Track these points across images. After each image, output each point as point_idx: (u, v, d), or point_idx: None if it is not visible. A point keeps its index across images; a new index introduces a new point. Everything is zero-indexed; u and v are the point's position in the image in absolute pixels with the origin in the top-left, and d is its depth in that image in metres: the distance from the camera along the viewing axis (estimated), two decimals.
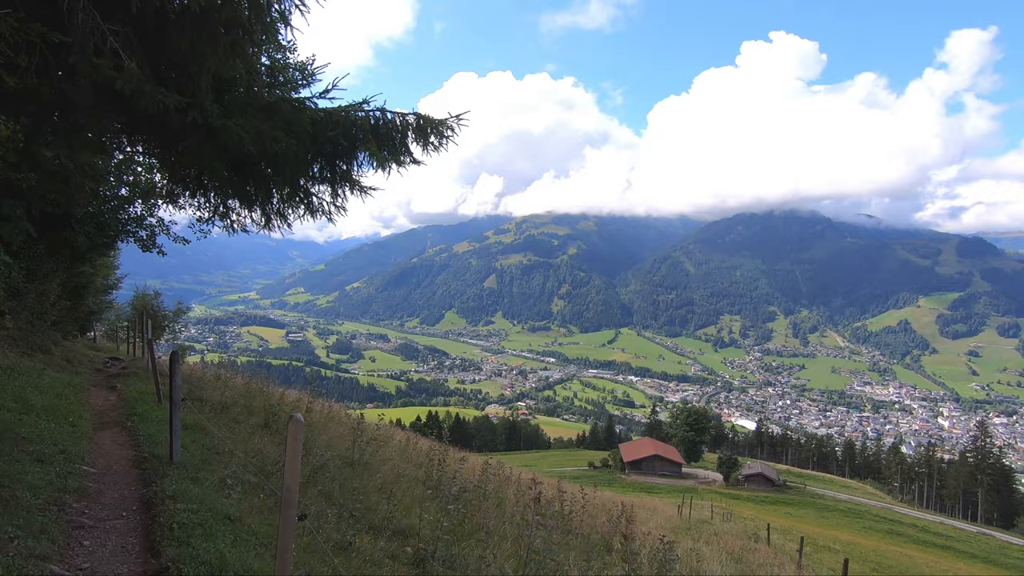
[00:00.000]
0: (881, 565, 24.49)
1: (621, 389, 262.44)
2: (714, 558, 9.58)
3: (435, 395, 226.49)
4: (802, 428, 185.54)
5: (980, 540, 47.26)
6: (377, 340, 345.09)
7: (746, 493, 53.99)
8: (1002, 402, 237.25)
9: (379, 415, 14.66)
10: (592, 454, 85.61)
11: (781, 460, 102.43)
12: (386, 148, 6.20)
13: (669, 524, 15.27)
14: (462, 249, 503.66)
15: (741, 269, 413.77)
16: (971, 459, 77.32)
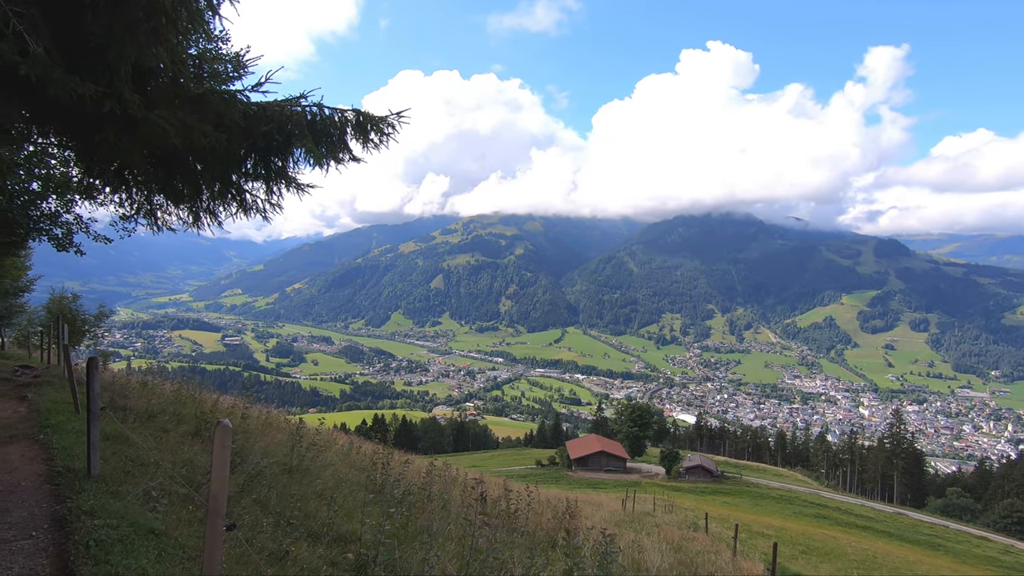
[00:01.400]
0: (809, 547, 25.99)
1: (568, 387, 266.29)
2: (655, 548, 9.87)
3: (381, 398, 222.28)
4: (738, 420, 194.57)
5: (896, 519, 51.01)
6: (320, 342, 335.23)
7: (687, 485, 56.02)
8: (914, 391, 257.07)
9: (319, 419, 14.32)
10: (540, 452, 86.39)
11: (719, 452, 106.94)
12: (324, 145, 6.02)
13: (613, 518, 15.62)
14: (408, 249, 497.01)
15: (681, 269, 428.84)
16: (888, 445, 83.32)
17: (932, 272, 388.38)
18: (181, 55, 5.33)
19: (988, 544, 44.10)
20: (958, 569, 28.52)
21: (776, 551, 7.49)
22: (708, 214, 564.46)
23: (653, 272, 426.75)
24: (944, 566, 28.53)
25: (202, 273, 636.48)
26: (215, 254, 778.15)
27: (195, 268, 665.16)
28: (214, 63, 6.31)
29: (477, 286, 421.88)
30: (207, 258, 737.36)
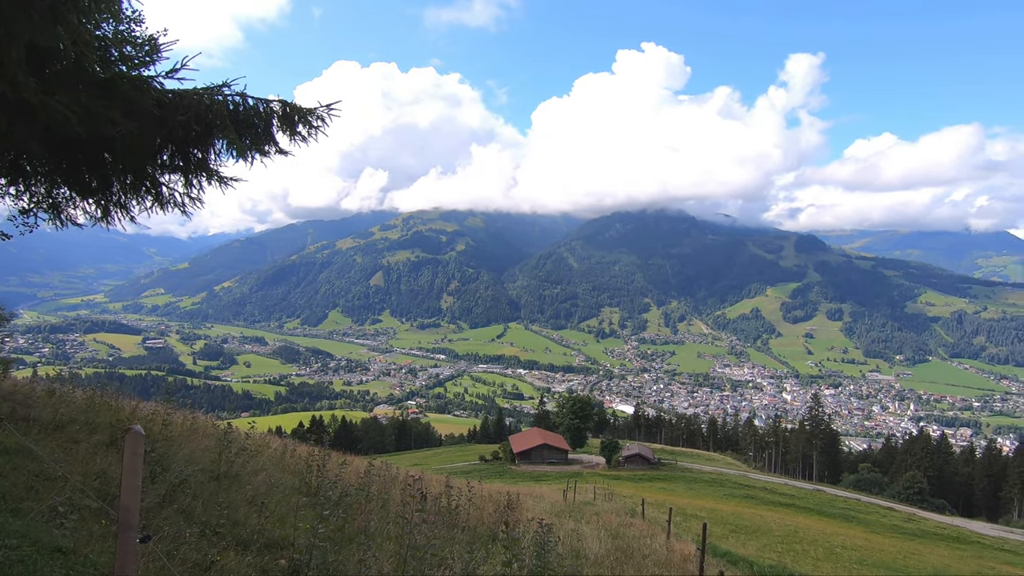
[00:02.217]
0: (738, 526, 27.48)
1: (511, 382, 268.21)
2: (593, 536, 10.14)
3: (319, 399, 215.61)
4: (674, 409, 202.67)
5: (815, 495, 54.79)
6: (253, 343, 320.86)
7: (626, 473, 57.83)
8: (831, 376, 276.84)
9: (250, 423, 13.53)
10: (483, 448, 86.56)
11: (656, 440, 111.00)
12: (247, 136, 5.74)
13: (554, 509, 15.91)
14: (346, 245, 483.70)
15: (619, 264, 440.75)
16: (808, 427, 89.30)
17: (845, 265, 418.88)
18: (85, 36, 4.92)
19: (894, 514, 48.17)
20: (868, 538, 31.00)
21: (706, 531, 7.89)
22: (644, 210, 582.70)
23: (592, 267, 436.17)
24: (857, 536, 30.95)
25: (119, 272, 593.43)
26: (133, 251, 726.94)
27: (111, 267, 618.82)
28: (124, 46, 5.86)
29: (418, 283, 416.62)
30: (124, 256, 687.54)
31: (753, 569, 13.99)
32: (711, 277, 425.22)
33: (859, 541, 27.80)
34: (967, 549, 32.88)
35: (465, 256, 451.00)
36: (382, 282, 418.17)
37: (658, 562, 8.82)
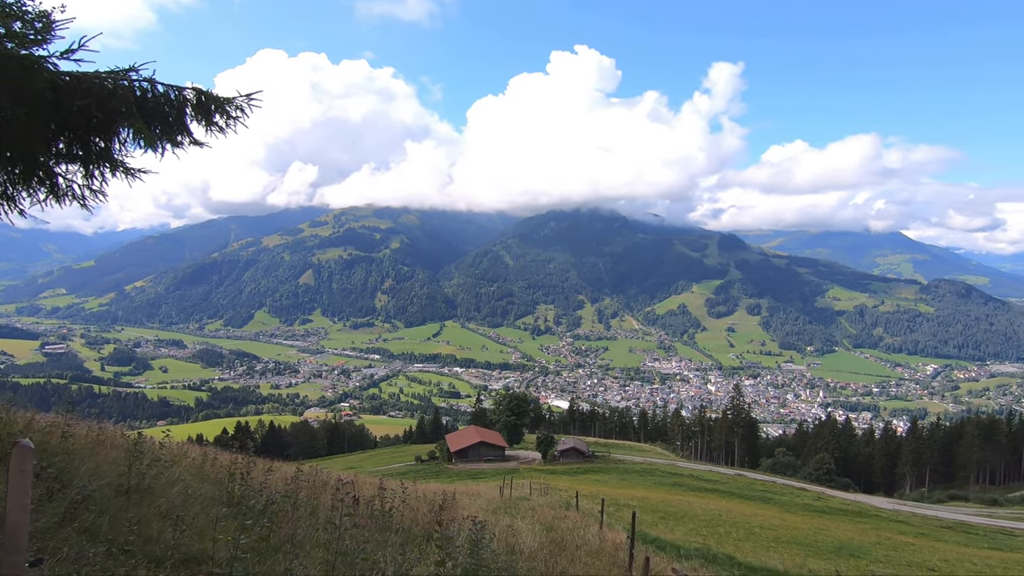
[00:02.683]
0: (667, 513, 28.70)
1: (447, 381, 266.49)
2: (528, 530, 10.27)
3: (245, 404, 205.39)
4: (607, 403, 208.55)
5: (736, 480, 58.12)
6: (169, 347, 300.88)
7: (562, 467, 58.95)
8: (750, 367, 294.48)
9: (164, 432, 12.33)
10: (420, 448, 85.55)
11: (590, 433, 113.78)
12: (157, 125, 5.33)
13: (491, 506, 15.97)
14: (273, 242, 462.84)
15: (554, 262, 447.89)
16: (730, 415, 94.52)
17: (763, 263, 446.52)
18: None
19: (805, 493, 51.95)
20: (783, 517, 33.27)
21: (635, 519, 8.18)
22: (577, 209, 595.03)
23: (528, 265, 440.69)
24: (773, 516, 33.12)
25: (12, 271, 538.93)
26: (28, 248, 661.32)
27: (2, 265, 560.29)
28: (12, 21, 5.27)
29: (351, 281, 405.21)
30: (18, 253, 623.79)
31: (680, 552, 14.65)
32: (642, 275, 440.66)
33: (775, 521, 29.75)
34: (868, 522, 35.97)
35: (400, 254, 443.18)
36: (312, 281, 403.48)
37: (591, 552, 9.06)
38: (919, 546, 25.57)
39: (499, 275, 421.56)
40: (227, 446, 22.54)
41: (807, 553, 19.59)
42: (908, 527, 35.63)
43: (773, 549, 19.59)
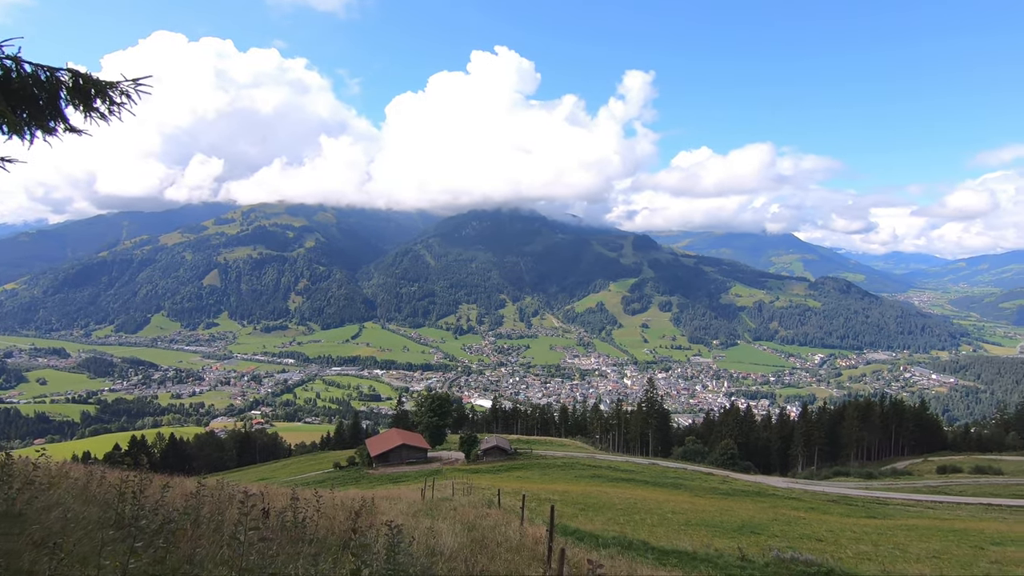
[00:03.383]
0: (586, 505, 29.60)
1: (367, 384, 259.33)
2: (449, 531, 10.21)
3: (141, 416, 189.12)
4: (529, 400, 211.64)
5: (651, 469, 61.01)
6: (49, 356, 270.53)
7: (485, 466, 59.10)
8: (663, 361, 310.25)
9: (39, 451, 10.54)
10: (338, 454, 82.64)
11: (513, 431, 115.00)
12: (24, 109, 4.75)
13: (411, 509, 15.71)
14: (173, 240, 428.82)
15: (476, 261, 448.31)
16: (644, 408, 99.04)
17: (673, 262, 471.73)
18: None
19: (712, 478, 55.48)
20: (693, 501, 35.35)
21: (553, 513, 8.36)
22: (498, 209, 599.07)
23: (450, 264, 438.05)
24: (684, 500, 35.11)
25: None
26: None
27: None
28: None
29: (262, 282, 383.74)
30: None
31: (598, 542, 15.15)
32: (561, 274, 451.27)
33: (686, 505, 31.52)
34: (766, 501, 39.01)
35: (315, 253, 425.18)
36: (218, 281, 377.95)
37: (511, 548, 9.16)
38: (809, 519, 28.10)
39: (420, 275, 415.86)
40: (119, 463, 20.65)
41: (714, 533, 20.95)
42: (800, 503, 39.03)
43: (684, 532, 20.76)
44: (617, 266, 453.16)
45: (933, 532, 24.23)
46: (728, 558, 14.27)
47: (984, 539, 21.82)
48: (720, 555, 14.63)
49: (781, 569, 13.30)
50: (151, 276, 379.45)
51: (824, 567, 13.55)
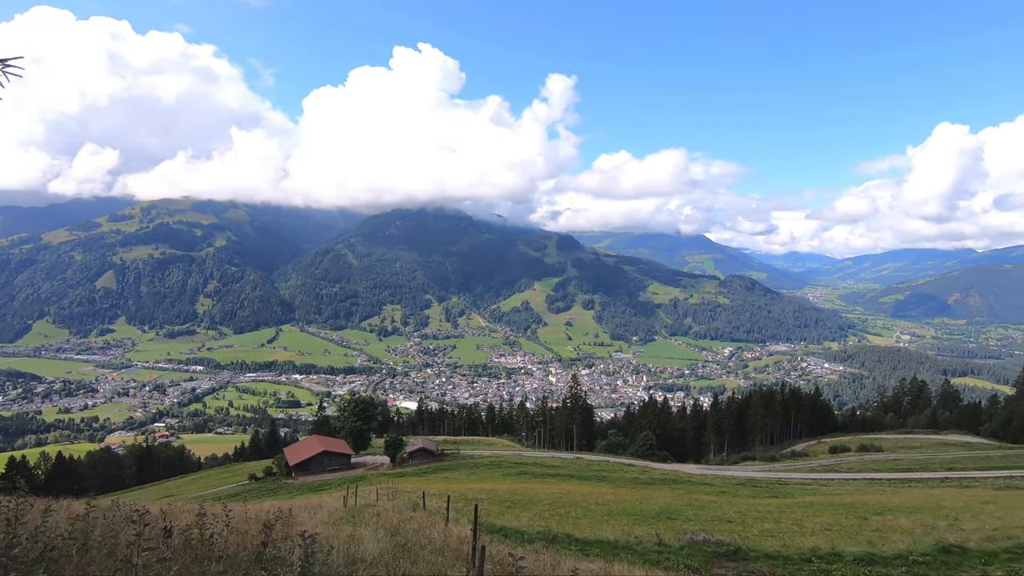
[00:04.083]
0: (513, 502, 29.87)
1: (285, 390, 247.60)
2: (371, 537, 9.94)
3: (22, 434, 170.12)
4: (456, 400, 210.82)
5: (575, 463, 62.61)
6: None
7: (411, 469, 58.15)
8: (586, 358, 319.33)
9: None
10: (254, 465, 78.35)
11: (440, 432, 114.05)
12: None
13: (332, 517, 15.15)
14: (59, 239, 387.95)
15: (400, 261, 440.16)
16: (569, 404, 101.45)
17: (595, 262, 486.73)
18: None
19: (633, 468, 57.77)
20: (615, 492, 36.64)
21: (477, 511, 8.35)
22: (423, 208, 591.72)
23: (373, 264, 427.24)
24: (606, 492, 36.30)
25: None
26: None
27: None
28: None
29: (165, 284, 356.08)
30: None
31: (524, 537, 15.33)
32: (487, 273, 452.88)
33: (608, 496, 32.60)
34: (682, 488, 41.15)
35: (226, 253, 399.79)
36: (114, 284, 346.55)
37: (435, 550, 9.06)
38: (720, 503, 29.96)
39: (342, 275, 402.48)
40: None
41: (634, 521, 21.82)
42: (712, 488, 41.52)
43: (606, 522, 21.46)
44: (542, 266, 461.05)
45: (826, 507, 26.57)
46: (647, 544, 14.90)
47: (868, 510, 24.20)
48: (639, 542, 15.25)
49: (695, 551, 14.06)
50: (32, 278, 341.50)
51: (732, 546, 14.47)
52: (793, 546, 14.94)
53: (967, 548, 13.77)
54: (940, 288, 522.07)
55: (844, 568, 12.18)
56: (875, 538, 16.40)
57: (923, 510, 23.62)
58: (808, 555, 13.61)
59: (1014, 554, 13.14)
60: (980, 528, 17.46)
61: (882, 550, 13.89)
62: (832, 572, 11.83)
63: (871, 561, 12.74)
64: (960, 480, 43.50)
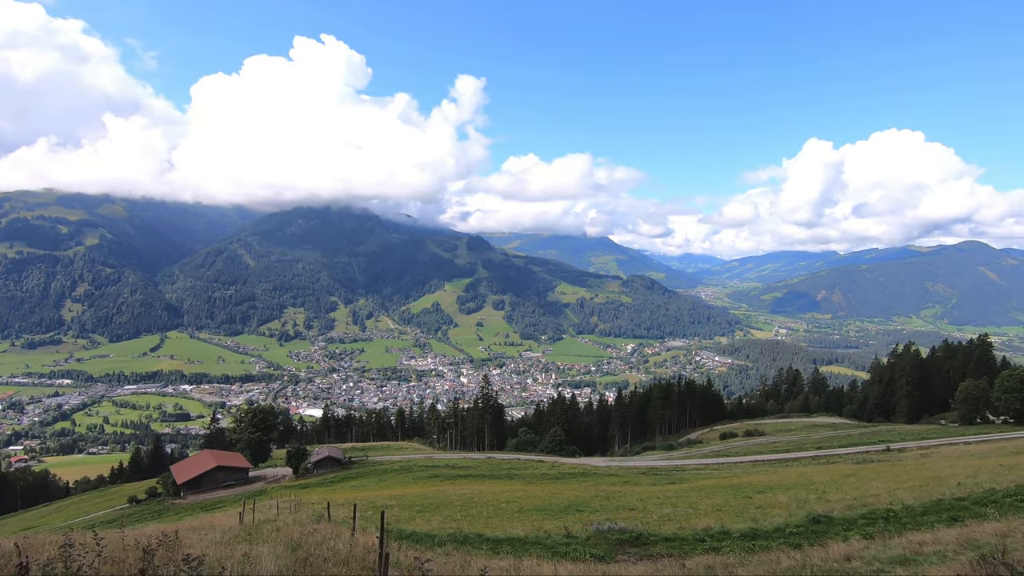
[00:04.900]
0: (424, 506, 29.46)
1: (172, 402, 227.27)
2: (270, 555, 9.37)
3: None
4: (364, 406, 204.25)
5: (487, 463, 62.98)
6: None
7: (316, 479, 55.56)
8: (497, 358, 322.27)
9: None
10: (136, 486, 71.23)
11: (347, 439, 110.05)
12: None
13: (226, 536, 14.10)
14: None
15: (303, 262, 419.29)
16: (480, 404, 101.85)
17: (505, 263, 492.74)
18: None
19: (543, 464, 59.12)
20: (526, 488, 37.27)
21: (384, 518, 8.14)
22: (327, 207, 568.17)
23: (273, 265, 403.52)
24: (517, 489, 36.84)
25: None
26: None
27: None
28: None
29: (23, 287, 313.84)
30: None
31: (434, 541, 15.16)
32: (396, 274, 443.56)
33: (519, 493, 33.09)
34: (589, 480, 42.71)
35: (100, 252, 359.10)
36: None
37: (339, 561, 8.70)
38: (624, 492, 31.45)
39: (238, 276, 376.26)
40: None
41: (544, 516, 22.32)
42: (617, 478, 43.48)
43: (517, 519, 21.77)
44: (452, 266, 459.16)
45: (717, 489, 28.75)
46: (555, 537, 15.30)
47: (752, 490, 26.49)
48: (548, 536, 15.62)
49: (600, 540, 14.63)
50: None
51: (635, 532, 15.24)
52: (688, 528, 16.01)
53: (832, 517, 15.47)
54: (810, 286, 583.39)
55: (732, 544, 13.22)
56: (758, 515, 17.97)
57: (797, 486, 26.27)
58: (701, 535, 14.64)
59: (869, 519, 14.95)
60: (843, 499, 19.72)
61: (763, 525, 15.25)
62: (721, 549, 12.79)
63: (754, 536, 13.94)
64: (828, 457, 48.89)
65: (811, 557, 10.14)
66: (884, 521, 14.56)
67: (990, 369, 79.84)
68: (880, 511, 15.94)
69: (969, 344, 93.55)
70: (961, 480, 20.51)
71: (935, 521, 13.69)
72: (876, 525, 14.12)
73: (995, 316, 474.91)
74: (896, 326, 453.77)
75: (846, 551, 10.20)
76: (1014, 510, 13.61)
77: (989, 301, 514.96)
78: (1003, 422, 66.52)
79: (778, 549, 11.74)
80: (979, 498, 16.16)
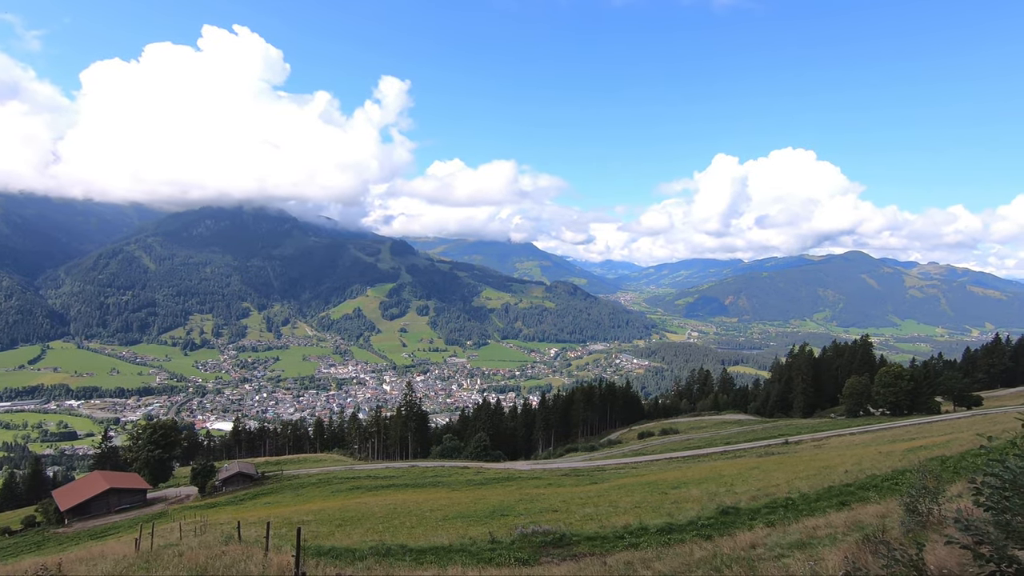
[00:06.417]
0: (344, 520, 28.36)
1: (56, 419, 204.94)
2: None
3: None
4: (279, 417, 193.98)
5: (410, 472, 61.72)
6: None
7: (225, 497, 52.02)
8: (421, 364, 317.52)
9: None
10: (8, 517, 63.32)
11: (260, 453, 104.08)
12: None
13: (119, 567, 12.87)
14: None
15: (211, 265, 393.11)
16: (403, 412, 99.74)
17: (430, 268, 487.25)
18: None
19: (468, 471, 58.78)
20: (450, 496, 36.89)
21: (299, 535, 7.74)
22: (240, 207, 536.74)
23: (176, 268, 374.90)
24: (442, 497, 36.37)
25: None
26: None
27: None
28: None
29: None
30: None
31: (355, 555, 14.64)
32: (315, 279, 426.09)
33: (443, 501, 32.69)
34: (514, 484, 42.96)
35: None
36: None
37: None
38: (548, 494, 31.91)
39: (135, 280, 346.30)
40: None
41: (468, 523, 22.18)
42: (541, 481, 44.06)
43: (441, 527, 21.48)
44: (375, 271, 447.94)
45: (636, 487, 29.87)
46: (480, 544, 15.24)
47: (668, 486, 27.76)
48: (473, 542, 15.54)
49: (525, 543, 14.75)
50: None
51: (558, 533, 15.49)
52: (609, 526, 16.50)
53: (740, 508, 16.52)
54: (719, 292, 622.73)
55: (649, 539, 13.77)
56: (673, 509, 18.86)
57: (708, 480, 27.84)
58: (621, 532, 15.14)
59: (771, 508, 16.11)
60: (748, 490, 21.12)
61: (678, 519, 16.02)
62: (640, 544, 13.29)
63: (670, 530, 14.60)
64: (735, 452, 52.23)
65: (721, 547, 10.76)
66: (784, 509, 15.77)
67: (871, 366, 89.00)
68: (780, 500, 17.24)
69: (854, 344, 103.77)
70: (848, 468, 22.62)
71: (827, 507, 15.01)
72: (777, 513, 15.24)
73: (875, 319, 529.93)
74: (793, 328, 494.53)
75: (751, 539, 10.91)
76: (891, 492, 15.17)
77: (870, 305, 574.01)
78: (881, 414, 74.29)
79: (691, 541, 12.36)
80: (863, 483, 17.90)
